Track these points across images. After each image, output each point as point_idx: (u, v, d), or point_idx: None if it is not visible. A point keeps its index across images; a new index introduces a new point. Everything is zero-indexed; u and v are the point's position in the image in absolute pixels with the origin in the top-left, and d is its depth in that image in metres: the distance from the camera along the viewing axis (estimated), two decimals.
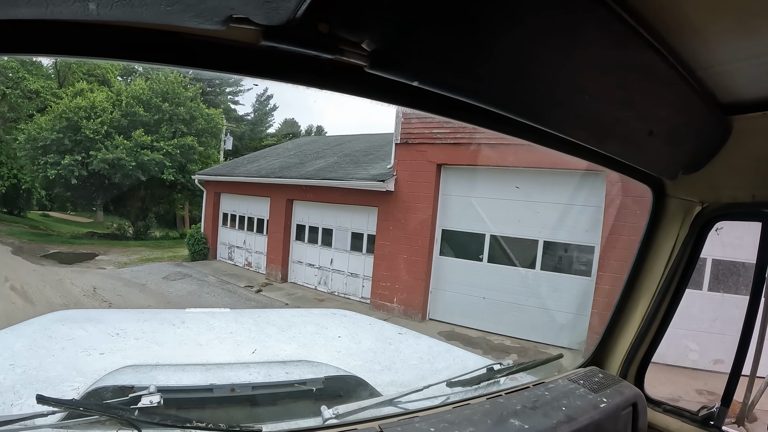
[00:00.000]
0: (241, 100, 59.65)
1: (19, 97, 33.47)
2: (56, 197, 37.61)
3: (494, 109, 1.77)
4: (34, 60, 32.30)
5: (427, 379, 2.66)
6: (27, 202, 38.62)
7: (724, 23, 1.63)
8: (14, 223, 34.54)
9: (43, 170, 29.93)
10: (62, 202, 38.62)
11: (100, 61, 1.40)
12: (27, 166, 31.60)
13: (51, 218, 41.41)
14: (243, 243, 25.60)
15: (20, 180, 33.06)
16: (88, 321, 3.80)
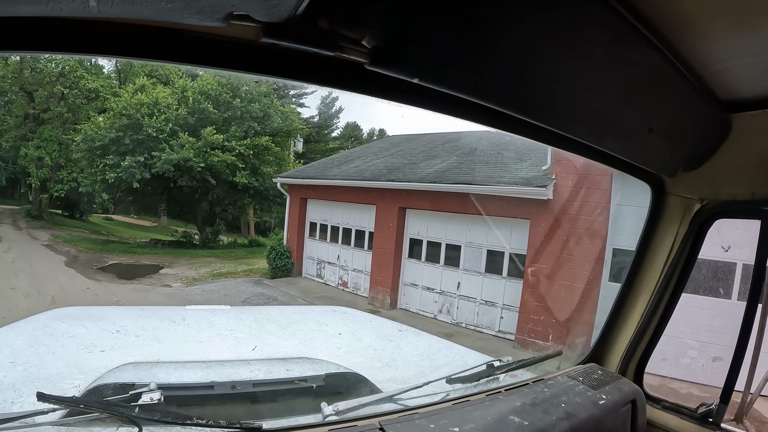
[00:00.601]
0: (306, 102, 58.00)
1: (77, 96, 32.48)
2: (118, 201, 35.41)
3: (495, 106, 1.77)
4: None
5: (427, 376, 2.66)
6: (89, 205, 37.40)
7: (724, 21, 1.64)
8: (74, 227, 33.19)
9: (101, 173, 27.86)
10: (125, 206, 36.77)
11: (99, 57, 1.40)
12: (85, 168, 29.83)
13: (114, 222, 40.28)
14: (336, 258, 22.13)
15: (80, 183, 31.71)
16: (88, 318, 3.80)
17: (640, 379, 3.12)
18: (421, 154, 21.53)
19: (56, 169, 32.34)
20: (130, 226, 39.32)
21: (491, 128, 2.10)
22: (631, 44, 1.70)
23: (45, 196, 33.48)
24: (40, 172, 31.91)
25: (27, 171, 33.65)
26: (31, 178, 33.02)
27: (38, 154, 31.39)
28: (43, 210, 33.89)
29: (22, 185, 39.44)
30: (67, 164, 31.80)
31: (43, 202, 33.87)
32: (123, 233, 35.35)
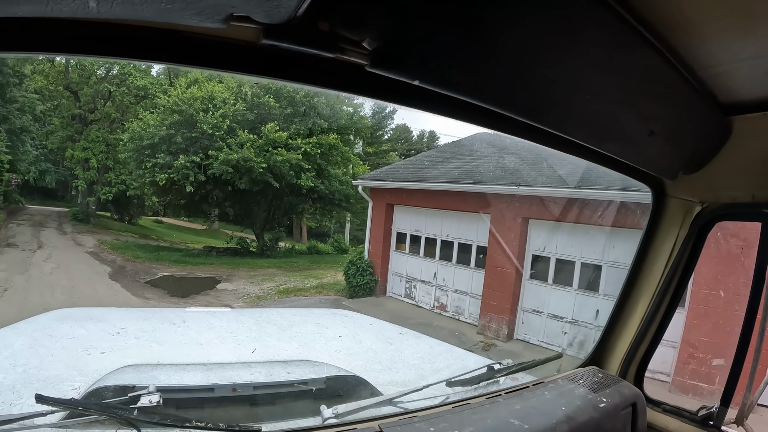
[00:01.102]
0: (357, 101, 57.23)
1: (125, 95, 30.09)
2: (169, 203, 32.36)
3: (495, 109, 1.77)
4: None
5: (427, 379, 2.66)
6: (138, 207, 35.65)
7: (725, 23, 1.64)
8: (122, 231, 30.99)
9: (150, 174, 25.20)
10: (176, 209, 33.86)
11: (100, 59, 1.41)
12: (133, 169, 27.07)
13: (164, 225, 37.90)
14: (433, 277, 18.67)
15: (128, 186, 29.41)
16: (88, 320, 3.80)
17: (640, 382, 3.11)
18: (533, 155, 16.01)
19: (103, 171, 30.47)
20: (181, 229, 36.91)
21: (492, 130, 2.10)
22: (631, 46, 1.70)
23: (92, 199, 31.94)
24: (86, 174, 30.09)
25: (73, 173, 32.01)
26: (78, 180, 31.21)
27: (84, 156, 29.71)
28: (90, 213, 32.12)
29: (71, 187, 37.99)
30: (115, 166, 29.90)
31: (90, 205, 32.23)
32: (173, 237, 33.20)
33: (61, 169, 36.13)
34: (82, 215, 31.64)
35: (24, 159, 32.84)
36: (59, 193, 40.17)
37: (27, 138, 32.58)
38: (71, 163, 31.27)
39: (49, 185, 37.08)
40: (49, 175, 35.73)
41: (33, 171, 34.10)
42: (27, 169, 33.56)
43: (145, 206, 35.34)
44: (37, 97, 31.49)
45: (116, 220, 34.25)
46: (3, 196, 30.68)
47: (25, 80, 30.19)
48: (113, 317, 4.02)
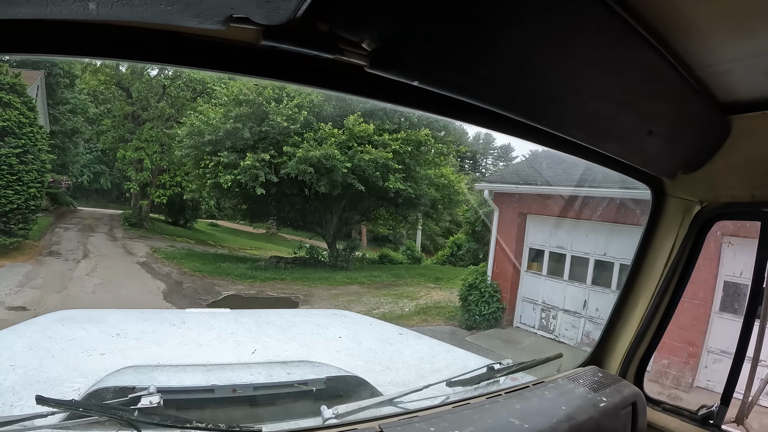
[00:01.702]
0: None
1: (181, 89, 26.89)
2: (232, 208, 29.57)
3: (495, 109, 1.77)
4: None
5: (427, 379, 2.65)
6: (193, 210, 32.93)
7: (724, 23, 1.64)
8: (177, 236, 28.54)
9: (212, 175, 22.31)
10: (234, 212, 30.80)
11: (100, 60, 1.41)
12: (191, 169, 24.75)
13: (219, 228, 35.29)
14: (582, 306, 14.84)
15: (184, 188, 27.66)
16: (88, 321, 3.80)
17: (640, 382, 3.11)
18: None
19: (157, 172, 28.23)
20: (237, 233, 34.32)
21: (491, 131, 2.10)
22: (630, 46, 1.71)
23: (145, 202, 29.35)
24: (139, 176, 27.92)
25: (126, 175, 29.72)
26: (130, 182, 28.80)
27: (137, 156, 27.41)
28: (143, 217, 29.68)
29: (124, 189, 35.15)
30: (170, 167, 27.59)
31: (143, 209, 29.68)
32: (231, 243, 30.64)
33: (115, 171, 34.39)
34: (134, 219, 29.58)
35: (76, 161, 32.10)
36: (114, 195, 38.37)
37: (80, 140, 31.91)
38: (123, 164, 29.27)
39: (105, 187, 35.81)
40: (103, 177, 34.65)
41: (86, 173, 33.12)
42: (80, 171, 32.77)
43: (200, 209, 33.14)
44: (89, 99, 30.74)
45: (170, 223, 31.89)
46: (51, 198, 28.32)
47: (76, 80, 29.56)
48: (113, 319, 4.02)
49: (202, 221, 34.87)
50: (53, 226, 24.91)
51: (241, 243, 31.12)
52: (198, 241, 28.87)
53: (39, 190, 20.31)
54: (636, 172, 2.73)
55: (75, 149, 31.92)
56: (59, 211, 28.54)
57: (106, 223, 29.10)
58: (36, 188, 19.98)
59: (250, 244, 30.99)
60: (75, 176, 32.46)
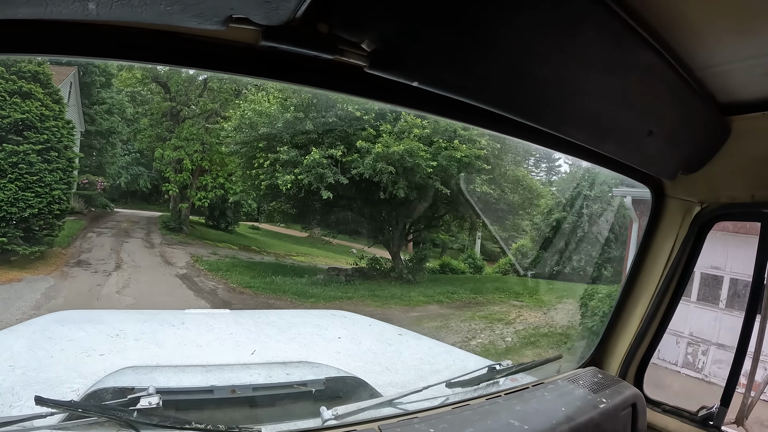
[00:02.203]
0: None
1: (224, 82, 24.71)
2: (279, 212, 25.91)
3: (494, 110, 1.77)
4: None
5: (427, 380, 2.65)
6: (235, 213, 30.44)
7: (723, 24, 1.64)
8: (219, 241, 26.11)
9: (268, 175, 19.05)
10: (289, 218, 27.52)
11: (99, 60, 1.41)
12: (237, 170, 22.87)
13: (260, 231, 33.10)
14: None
15: (228, 191, 25.75)
16: (87, 322, 3.80)
17: (640, 383, 3.11)
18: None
19: (198, 173, 26.17)
20: (279, 236, 31.76)
21: (491, 131, 2.10)
22: (630, 47, 1.70)
23: (185, 206, 27.18)
24: (178, 177, 25.92)
25: (164, 176, 27.99)
26: (168, 184, 26.94)
27: (177, 156, 25.23)
28: (183, 221, 27.42)
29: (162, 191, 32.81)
30: (212, 168, 25.64)
31: (183, 212, 27.51)
32: (276, 248, 28.15)
33: (153, 173, 32.64)
34: (173, 223, 27.28)
35: (113, 162, 30.75)
36: (152, 197, 36.54)
37: (117, 140, 30.61)
38: (161, 164, 27.33)
39: (143, 189, 34.28)
40: (141, 178, 33.21)
41: (124, 175, 31.70)
42: (117, 172, 31.34)
43: (241, 211, 30.84)
44: (127, 99, 29.36)
45: (211, 227, 29.65)
46: (86, 200, 26.71)
47: (112, 80, 28.51)
48: (112, 319, 4.02)
49: (243, 224, 32.56)
50: (85, 231, 22.97)
51: (286, 248, 28.72)
52: (241, 247, 26.60)
53: (65, 192, 18.33)
54: (636, 173, 2.73)
55: (112, 150, 30.79)
56: (94, 214, 26.68)
57: (143, 227, 26.96)
58: (61, 190, 17.94)
59: (296, 250, 28.72)
60: (112, 178, 31.04)
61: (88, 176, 27.62)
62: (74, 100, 25.71)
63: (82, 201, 25.70)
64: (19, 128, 16.89)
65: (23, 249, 16.83)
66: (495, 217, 22.16)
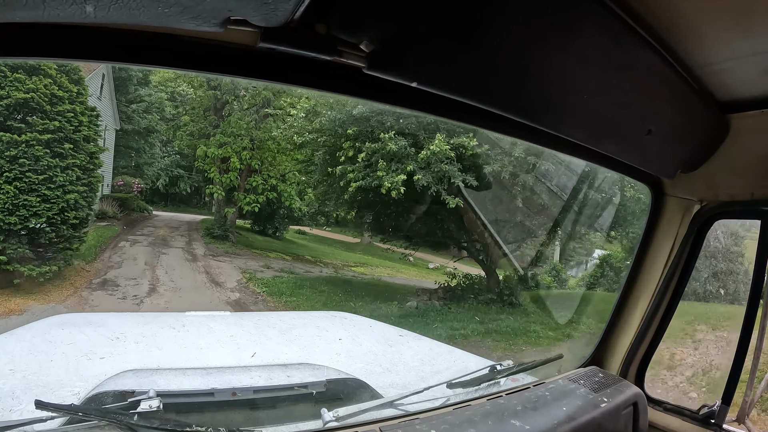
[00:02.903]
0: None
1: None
2: (351, 219, 23.51)
3: (493, 110, 1.77)
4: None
5: (427, 381, 2.65)
6: (284, 217, 27.33)
7: (722, 22, 1.64)
8: (270, 251, 23.03)
9: (363, 175, 15.53)
10: (364, 226, 24.19)
11: (97, 63, 1.41)
12: (290, 172, 21.64)
13: (308, 236, 29.54)
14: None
15: (282, 194, 23.10)
16: (87, 325, 3.79)
17: (641, 382, 3.11)
18: None
19: (246, 174, 23.09)
20: (328, 242, 29.07)
21: (490, 131, 2.10)
22: (628, 46, 1.70)
23: (231, 211, 23.99)
24: (224, 178, 22.85)
25: (207, 177, 24.56)
26: (212, 186, 23.70)
27: (222, 154, 22.46)
28: (229, 228, 24.22)
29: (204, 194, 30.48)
30: (262, 167, 22.66)
31: (229, 218, 24.33)
32: (330, 256, 25.18)
33: (194, 175, 30.07)
34: (217, 230, 24.10)
35: (151, 162, 28.67)
36: (193, 200, 33.84)
37: (155, 140, 28.53)
38: (204, 164, 24.06)
39: (183, 191, 31.47)
40: (182, 180, 30.57)
41: (163, 177, 29.27)
42: (156, 174, 29.04)
43: (292, 215, 27.22)
44: (166, 97, 27.82)
45: (258, 232, 26.79)
46: (120, 203, 23.92)
47: (150, 76, 26.94)
48: (113, 322, 4.02)
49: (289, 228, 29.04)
50: (118, 239, 20.06)
51: (342, 257, 25.63)
52: (295, 257, 23.53)
53: (86, 196, 14.88)
54: (635, 172, 2.73)
55: (150, 150, 28.79)
56: (129, 219, 24.04)
57: (183, 234, 23.95)
58: (79, 193, 14.45)
59: (352, 259, 25.49)
60: (151, 179, 28.76)
61: (123, 177, 25.89)
62: (107, 94, 24.23)
63: (116, 204, 23.52)
64: (21, 112, 13.64)
65: (29, 269, 13.56)
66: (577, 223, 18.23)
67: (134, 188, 26.18)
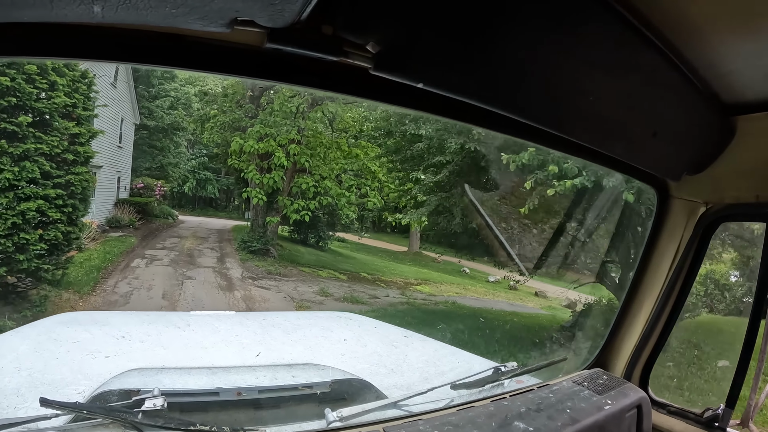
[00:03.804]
0: None
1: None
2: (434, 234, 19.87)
3: (499, 111, 1.77)
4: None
5: (432, 382, 2.65)
6: (331, 224, 24.16)
7: (728, 24, 1.64)
8: (319, 267, 19.41)
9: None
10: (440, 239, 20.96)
11: (104, 63, 1.41)
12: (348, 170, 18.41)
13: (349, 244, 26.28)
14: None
15: (337, 199, 19.28)
16: (93, 323, 3.80)
17: (645, 384, 3.11)
18: None
19: (292, 173, 19.10)
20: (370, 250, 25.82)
21: (495, 132, 2.10)
22: (635, 48, 1.71)
23: (275, 220, 19.51)
24: (266, 178, 18.56)
25: (242, 177, 20.60)
26: (249, 189, 19.48)
27: (263, 148, 18.28)
28: (270, 240, 19.79)
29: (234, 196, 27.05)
30: (313, 167, 18.66)
31: (270, 228, 19.98)
32: (386, 272, 21.70)
33: (224, 178, 27.39)
34: (255, 243, 19.61)
35: (176, 163, 26.15)
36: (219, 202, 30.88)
37: (181, 139, 25.98)
38: (238, 161, 19.77)
39: (212, 195, 29.09)
40: (210, 183, 28.20)
41: (190, 180, 27.10)
42: (183, 176, 26.69)
43: (338, 222, 24.02)
44: (194, 92, 25.34)
45: (299, 241, 22.93)
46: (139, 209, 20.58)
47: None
48: (118, 321, 4.03)
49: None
50: (132, 256, 16.25)
51: (399, 273, 22.34)
52: (350, 276, 19.57)
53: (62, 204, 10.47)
54: (641, 174, 2.73)
55: (176, 150, 26.32)
56: (149, 227, 20.95)
57: (214, 247, 19.90)
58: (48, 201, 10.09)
59: (411, 274, 22.14)
60: (177, 181, 26.35)
61: (144, 179, 23.24)
62: (125, 81, 21.90)
63: (133, 211, 20.54)
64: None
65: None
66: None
67: (156, 191, 24.04)
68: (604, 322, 3.26)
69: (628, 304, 3.15)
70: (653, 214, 3.02)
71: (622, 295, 3.21)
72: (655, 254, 3.03)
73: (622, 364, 3.16)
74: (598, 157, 2.37)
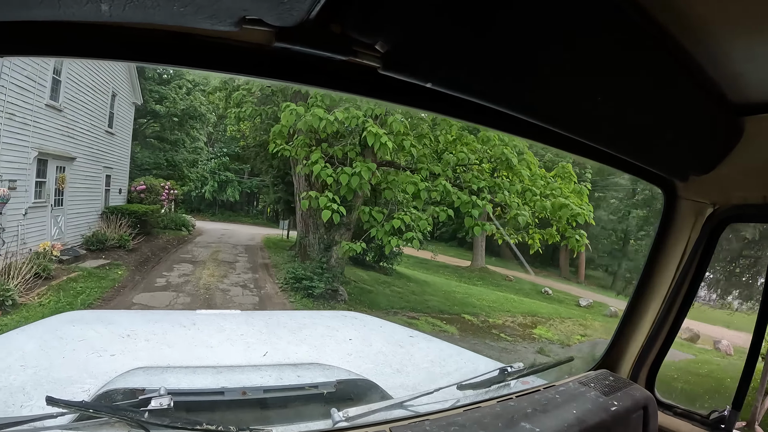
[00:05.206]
0: None
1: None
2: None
3: (507, 111, 1.77)
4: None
5: (437, 382, 2.65)
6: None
7: (737, 24, 1.63)
8: (403, 307, 15.65)
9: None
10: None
11: (112, 62, 1.42)
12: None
13: (403, 258, 21.68)
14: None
15: (412, 219, 13.23)
16: (98, 322, 3.82)
17: (651, 385, 3.10)
18: None
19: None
20: (432, 266, 22.68)
21: (503, 132, 2.10)
22: (642, 47, 1.70)
23: (352, 249, 13.81)
24: (340, 173, 12.90)
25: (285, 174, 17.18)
26: (310, 191, 13.74)
27: (331, 125, 12.43)
28: (337, 275, 15.26)
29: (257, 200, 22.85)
30: (417, 160, 13.76)
31: (334, 256, 15.28)
32: (480, 306, 18.23)
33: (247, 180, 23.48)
34: (317, 281, 14.75)
35: (193, 160, 22.76)
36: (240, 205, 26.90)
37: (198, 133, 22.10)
38: (284, 150, 14.29)
39: (232, 198, 25.02)
40: (230, 186, 24.41)
41: (211, 182, 23.60)
42: (201, 177, 23.22)
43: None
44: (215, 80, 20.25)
45: (356, 262, 18.70)
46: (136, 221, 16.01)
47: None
48: (123, 320, 4.04)
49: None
50: (111, 305, 11.87)
51: (493, 303, 18.94)
52: (452, 321, 15.47)
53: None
54: (648, 174, 2.72)
55: (192, 144, 22.38)
56: (151, 246, 16.01)
57: (246, 281, 14.71)
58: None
59: (508, 305, 18.94)
60: (196, 184, 22.46)
61: (147, 179, 19.07)
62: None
63: (127, 223, 15.82)
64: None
65: None
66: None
67: (164, 195, 19.64)
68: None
69: (634, 304, 3.14)
70: (660, 215, 3.01)
71: (629, 296, 3.21)
72: (662, 255, 3.03)
73: (628, 365, 3.16)
74: (605, 156, 2.36)
